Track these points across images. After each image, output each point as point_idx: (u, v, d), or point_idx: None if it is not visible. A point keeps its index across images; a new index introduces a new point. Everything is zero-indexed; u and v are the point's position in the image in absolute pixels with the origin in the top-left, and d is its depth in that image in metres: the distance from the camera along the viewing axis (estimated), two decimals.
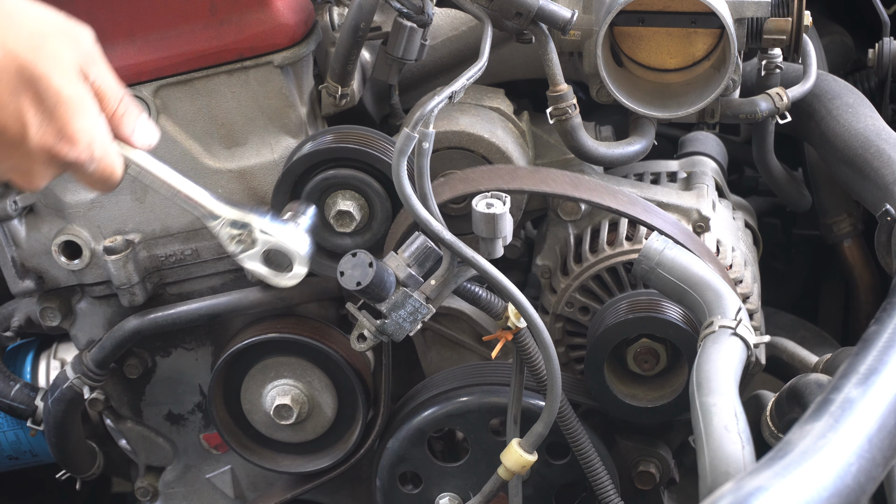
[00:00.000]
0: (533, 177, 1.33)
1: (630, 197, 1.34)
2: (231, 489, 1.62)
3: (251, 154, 1.39)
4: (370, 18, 1.32)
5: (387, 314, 1.18)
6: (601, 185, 1.35)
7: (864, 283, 1.74)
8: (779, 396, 1.22)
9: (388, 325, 1.19)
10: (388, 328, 1.19)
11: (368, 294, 1.16)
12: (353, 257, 1.15)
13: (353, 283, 1.14)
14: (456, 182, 1.33)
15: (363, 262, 1.14)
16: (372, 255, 1.15)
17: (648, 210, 1.33)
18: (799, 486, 0.81)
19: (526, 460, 1.25)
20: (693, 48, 1.39)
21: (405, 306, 1.18)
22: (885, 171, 1.31)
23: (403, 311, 1.18)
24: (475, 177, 1.33)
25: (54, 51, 0.98)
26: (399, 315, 1.18)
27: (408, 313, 1.18)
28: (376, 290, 1.16)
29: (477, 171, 1.34)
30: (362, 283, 1.14)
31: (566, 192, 1.32)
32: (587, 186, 1.33)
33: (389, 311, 1.18)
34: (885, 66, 1.64)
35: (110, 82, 1.06)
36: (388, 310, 1.18)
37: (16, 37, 0.97)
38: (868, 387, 0.91)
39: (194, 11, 1.29)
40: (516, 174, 1.33)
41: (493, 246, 1.15)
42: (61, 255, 1.42)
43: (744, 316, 1.14)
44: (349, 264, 1.15)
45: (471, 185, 1.31)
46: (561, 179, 1.33)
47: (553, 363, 1.20)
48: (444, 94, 1.18)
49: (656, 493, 1.42)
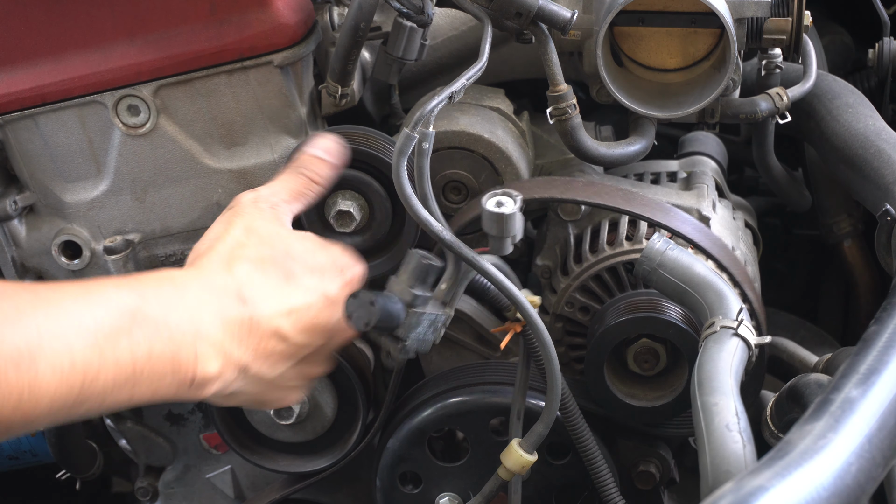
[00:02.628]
0: (587, 189, 1.34)
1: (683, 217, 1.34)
2: (231, 489, 1.62)
3: (251, 154, 1.39)
4: (370, 18, 1.32)
5: (404, 338, 1.17)
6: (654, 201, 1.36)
7: (864, 283, 1.74)
8: (779, 396, 1.22)
9: (410, 345, 1.18)
10: (411, 347, 1.18)
11: (380, 329, 1.15)
12: (354, 299, 1.13)
13: (363, 325, 1.13)
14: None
15: (365, 302, 1.13)
16: (372, 293, 1.13)
17: (700, 231, 1.33)
18: (799, 486, 0.81)
19: (526, 460, 1.25)
20: (693, 48, 1.39)
21: (420, 324, 1.17)
22: (885, 171, 1.31)
23: (421, 328, 1.17)
24: (529, 186, 1.35)
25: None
26: (417, 333, 1.17)
27: (426, 328, 1.17)
28: (386, 323, 1.15)
29: (533, 182, 1.36)
30: (370, 323, 1.13)
31: (617, 205, 1.33)
32: (640, 202, 1.34)
33: (406, 334, 1.17)
34: (885, 66, 1.64)
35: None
36: (405, 333, 1.17)
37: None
38: (868, 387, 0.91)
39: (194, 11, 1.29)
40: (571, 186, 1.35)
41: (501, 244, 1.15)
42: (61, 255, 1.42)
43: (745, 316, 1.14)
44: (353, 306, 1.13)
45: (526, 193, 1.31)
46: (614, 193, 1.34)
47: (553, 363, 1.20)
48: (444, 94, 1.18)
49: (656, 493, 1.42)
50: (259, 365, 1.12)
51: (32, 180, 1.40)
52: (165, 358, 1.02)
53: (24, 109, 1.34)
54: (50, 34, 1.30)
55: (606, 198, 1.33)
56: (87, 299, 0.99)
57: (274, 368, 1.14)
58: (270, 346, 1.12)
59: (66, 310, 0.97)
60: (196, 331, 1.05)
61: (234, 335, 1.08)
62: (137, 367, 1.00)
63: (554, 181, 1.37)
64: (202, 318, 1.06)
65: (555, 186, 1.35)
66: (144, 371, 1.00)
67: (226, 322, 1.08)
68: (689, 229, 1.32)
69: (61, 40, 1.31)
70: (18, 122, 1.35)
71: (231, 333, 1.08)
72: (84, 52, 1.31)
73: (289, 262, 1.15)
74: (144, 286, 1.05)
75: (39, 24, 1.30)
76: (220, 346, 1.07)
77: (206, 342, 1.05)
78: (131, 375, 0.99)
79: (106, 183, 1.39)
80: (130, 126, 1.35)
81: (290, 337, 1.13)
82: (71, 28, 1.30)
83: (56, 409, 0.95)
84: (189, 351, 1.04)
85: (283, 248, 1.16)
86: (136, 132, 1.36)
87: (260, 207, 1.19)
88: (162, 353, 1.02)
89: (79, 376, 0.95)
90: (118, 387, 0.99)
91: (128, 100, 1.34)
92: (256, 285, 1.12)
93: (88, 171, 1.39)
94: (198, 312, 1.06)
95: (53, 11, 1.29)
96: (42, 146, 1.37)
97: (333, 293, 1.17)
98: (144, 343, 1.00)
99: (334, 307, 1.17)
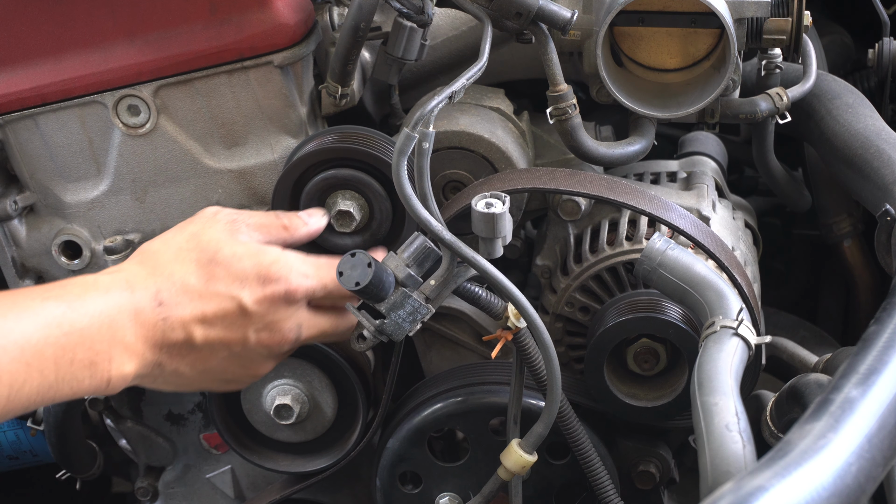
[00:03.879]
0: (570, 179, 1.33)
1: (665, 202, 1.34)
2: (231, 489, 1.62)
3: (251, 154, 1.39)
4: (370, 18, 1.32)
5: (386, 314, 1.18)
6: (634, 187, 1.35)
7: (864, 283, 1.74)
8: (779, 396, 1.22)
9: (388, 325, 1.19)
10: (388, 328, 1.19)
11: (367, 294, 1.16)
12: (351, 258, 1.15)
13: (352, 284, 1.14)
14: (495, 181, 1.33)
15: (362, 262, 1.14)
16: (371, 256, 1.15)
17: (684, 217, 1.33)
18: (799, 486, 0.81)
19: (526, 460, 1.25)
20: (693, 48, 1.39)
21: (404, 306, 1.18)
22: (885, 171, 1.31)
23: (403, 311, 1.18)
24: (513, 178, 1.34)
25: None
26: (398, 315, 1.18)
27: (407, 313, 1.18)
28: (375, 290, 1.16)
29: (515, 173, 1.35)
30: (361, 284, 1.14)
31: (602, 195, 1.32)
32: (623, 189, 1.33)
33: (388, 311, 1.18)
34: (885, 66, 1.64)
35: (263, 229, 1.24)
36: (388, 310, 1.18)
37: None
38: (868, 387, 0.91)
39: (194, 11, 1.29)
40: (554, 175, 1.34)
41: (492, 246, 1.15)
42: (61, 255, 1.42)
43: (745, 316, 1.14)
44: (348, 265, 1.15)
45: (508, 185, 1.31)
46: (597, 182, 1.34)
47: (553, 363, 1.20)
48: (444, 94, 1.18)
49: (656, 493, 1.42)
50: (176, 363, 1.18)
51: (32, 180, 1.40)
52: (85, 363, 1.08)
53: (24, 109, 1.34)
54: (50, 34, 1.30)
55: (589, 187, 1.32)
56: (17, 314, 1.05)
57: (193, 367, 1.19)
58: (184, 349, 1.17)
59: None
60: (112, 336, 1.11)
61: (148, 338, 1.14)
62: (60, 373, 1.06)
63: (537, 171, 1.36)
64: (119, 323, 1.11)
65: (537, 177, 1.34)
66: (66, 377, 1.06)
67: (141, 324, 1.13)
68: (673, 216, 1.31)
69: (61, 40, 1.31)
70: (18, 122, 1.35)
71: (144, 336, 1.14)
72: (84, 52, 1.31)
73: (213, 266, 1.19)
74: (71, 294, 1.11)
75: (39, 24, 1.30)
76: (134, 349, 1.13)
77: (121, 346, 1.11)
78: (54, 382, 1.05)
79: (106, 183, 1.39)
80: (130, 126, 1.35)
81: (199, 343, 1.18)
82: (71, 28, 1.30)
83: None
84: (105, 356, 1.10)
85: (212, 253, 1.19)
86: (136, 132, 1.36)
87: (216, 219, 1.23)
88: (82, 359, 1.07)
89: (5, 389, 1.01)
90: (42, 393, 1.05)
91: (128, 100, 1.34)
92: (176, 289, 1.16)
93: (88, 171, 1.39)
94: (117, 317, 1.12)
95: (53, 11, 1.29)
96: (42, 146, 1.37)
97: (248, 304, 1.19)
98: (68, 352, 1.06)
99: (247, 319, 1.20)
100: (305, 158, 1.31)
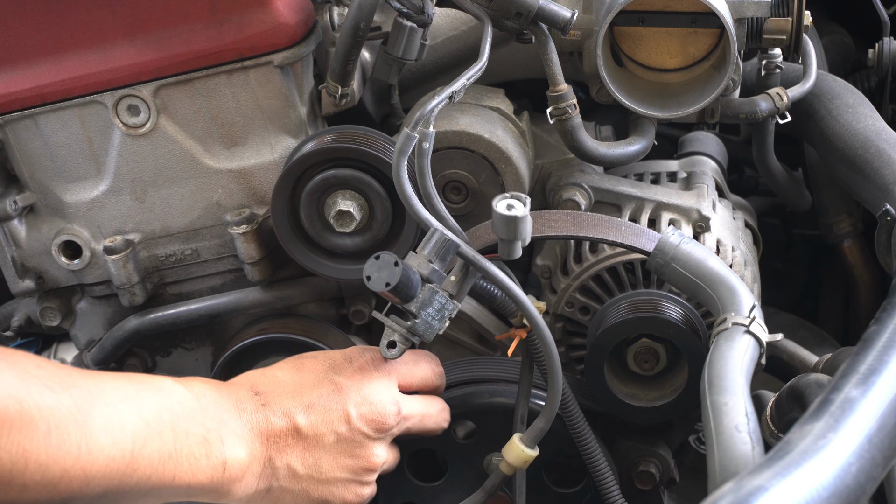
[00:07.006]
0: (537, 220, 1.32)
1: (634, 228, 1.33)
2: None
3: (251, 154, 1.39)
4: (370, 18, 1.32)
5: (416, 313, 1.17)
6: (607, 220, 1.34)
7: (864, 283, 1.74)
8: (779, 396, 1.22)
9: (419, 325, 1.17)
10: (419, 328, 1.18)
11: (398, 294, 1.14)
12: (376, 260, 1.13)
13: (382, 285, 1.13)
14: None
15: (388, 262, 1.13)
16: (395, 255, 1.14)
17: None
18: (799, 486, 0.81)
19: (527, 455, 1.25)
20: (693, 48, 1.39)
21: (433, 303, 1.17)
22: (885, 171, 1.31)
23: (432, 308, 1.17)
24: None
25: None
26: (428, 313, 1.17)
27: (436, 311, 1.17)
28: (405, 288, 1.14)
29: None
30: (391, 284, 1.12)
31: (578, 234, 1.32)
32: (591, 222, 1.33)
33: (419, 310, 1.16)
34: (885, 66, 1.64)
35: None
36: (418, 309, 1.16)
37: None
38: (868, 387, 0.91)
39: (194, 11, 1.29)
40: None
41: (512, 247, 1.14)
42: (61, 255, 1.42)
43: (758, 314, 1.13)
44: (374, 267, 1.13)
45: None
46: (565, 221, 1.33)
47: (554, 360, 1.20)
48: (444, 94, 1.18)
49: (656, 493, 1.42)
50: (286, 457, 1.18)
51: (32, 180, 1.40)
52: (199, 438, 1.09)
53: (24, 109, 1.34)
54: (50, 34, 1.30)
55: (556, 227, 1.31)
56: (131, 379, 1.08)
57: (304, 463, 1.19)
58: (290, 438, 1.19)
59: (111, 384, 1.05)
60: (220, 418, 1.13)
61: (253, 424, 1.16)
62: (178, 443, 1.07)
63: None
64: (224, 407, 1.15)
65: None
66: (183, 449, 1.07)
67: (242, 410, 1.17)
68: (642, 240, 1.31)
69: (61, 40, 1.31)
70: (18, 122, 1.35)
71: (249, 422, 1.16)
72: (84, 52, 1.31)
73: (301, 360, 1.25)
74: (187, 380, 1.14)
75: (39, 24, 1.30)
76: (241, 434, 1.15)
77: (229, 429, 1.13)
78: (173, 451, 1.06)
79: (106, 183, 1.39)
80: (130, 126, 1.35)
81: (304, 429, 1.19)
82: (71, 28, 1.30)
83: (111, 473, 1.00)
84: (216, 434, 1.11)
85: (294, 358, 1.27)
86: (136, 132, 1.36)
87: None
88: (196, 433, 1.09)
89: (129, 441, 1.01)
90: (163, 461, 1.05)
91: (128, 100, 1.34)
92: (269, 381, 1.21)
93: (88, 171, 1.39)
94: (221, 403, 1.15)
95: (53, 11, 1.29)
96: (42, 146, 1.37)
97: (340, 380, 1.22)
98: (182, 421, 1.08)
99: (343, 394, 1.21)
100: (305, 158, 1.31)
